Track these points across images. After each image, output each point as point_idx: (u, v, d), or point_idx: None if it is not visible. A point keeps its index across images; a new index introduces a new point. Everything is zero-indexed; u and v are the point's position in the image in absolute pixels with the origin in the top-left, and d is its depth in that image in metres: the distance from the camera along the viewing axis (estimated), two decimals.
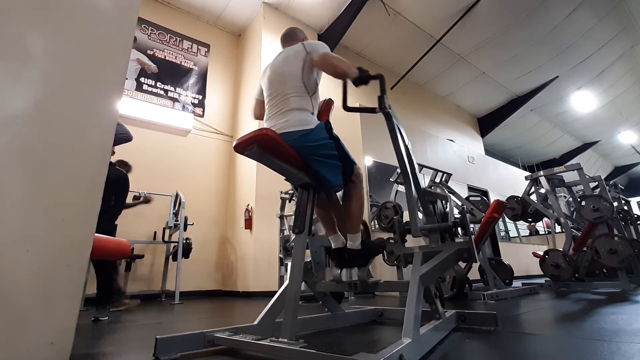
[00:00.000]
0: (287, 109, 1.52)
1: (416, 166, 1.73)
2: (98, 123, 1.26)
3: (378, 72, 1.49)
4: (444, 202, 1.88)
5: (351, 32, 6.43)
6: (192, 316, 2.82)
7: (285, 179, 1.55)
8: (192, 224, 4.45)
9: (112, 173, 2.91)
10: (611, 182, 5.28)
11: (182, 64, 5.88)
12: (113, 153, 2.98)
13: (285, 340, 1.13)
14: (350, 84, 1.55)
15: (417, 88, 9.05)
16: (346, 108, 1.72)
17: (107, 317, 2.59)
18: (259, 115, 1.79)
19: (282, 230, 4.30)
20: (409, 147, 1.68)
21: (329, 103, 1.75)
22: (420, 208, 1.78)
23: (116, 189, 2.95)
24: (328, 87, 1.77)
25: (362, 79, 1.47)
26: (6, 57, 1.12)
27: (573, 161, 10.73)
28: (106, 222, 2.81)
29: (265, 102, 1.67)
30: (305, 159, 1.43)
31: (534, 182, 4.37)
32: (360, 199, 1.60)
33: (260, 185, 4.88)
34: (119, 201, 2.98)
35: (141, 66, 5.41)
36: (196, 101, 5.84)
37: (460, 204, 4.34)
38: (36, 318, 1.01)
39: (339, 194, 1.68)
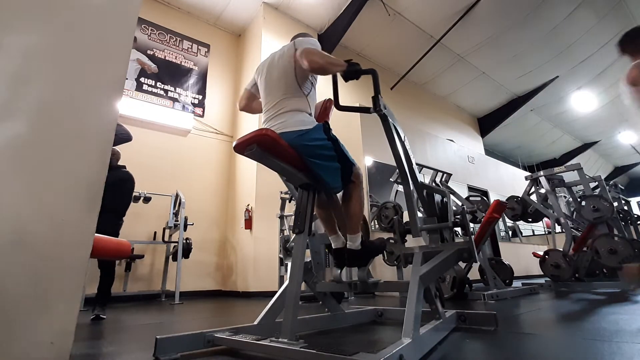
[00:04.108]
0: (283, 110, 1.51)
1: (415, 165, 1.72)
2: (98, 123, 1.25)
3: (370, 67, 1.45)
4: (443, 199, 1.88)
5: (351, 32, 6.42)
6: (192, 316, 2.82)
7: (285, 179, 1.54)
8: (192, 224, 4.45)
9: (122, 173, 3.03)
10: (611, 182, 5.29)
11: (182, 64, 5.88)
12: (119, 158, 3.09)
13: (285, 340, 1.13)
14: (340, 80, 1.50)
15: (417, 88, 9.05)
16: (339, 107, 1.68)
17: (105, 317, 2.61)
18: (244, 106, 1.84)
19: (282, 230, 4.30)
20: (407, 145, 1.67)
21: (327, 103, 1.75)
22: (421, 208, 1.77)
23: (129, 188, 3.12)
24: (328, 87, 1.77)
25: (351, 73, 1.42)
26: (6, 57, 1.12)
27: (573, 161, 10.71)
28: (115, 220, 2.93)
29: (262, 103, 1.66)
30: (304, 160, 1.42)
31: (534, 182, 4.37)
32: (359, 199, 1.59)
33: (260, 185, 4.88)
34: (127, 200, 3.07)
35: (141, 66, 5.41)
36: (196, 101, 5.84)
37: (460, 204, 4.34)
38: (36, 318, 1.01)
39: (339, 194, 1.67)
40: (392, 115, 1.56)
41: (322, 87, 1.78)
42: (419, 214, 1.69)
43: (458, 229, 1.96)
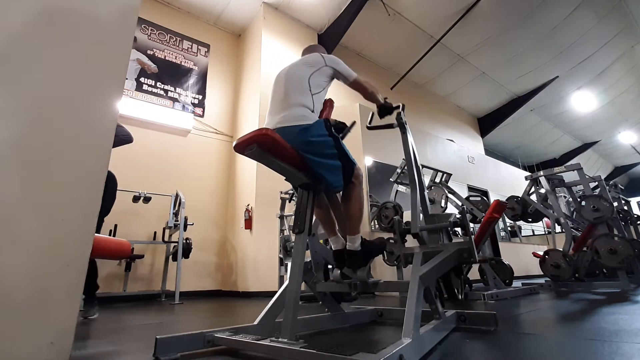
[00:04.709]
0: (287, 104, 1.52)
1: (420, 169, 1.80)
2: (98, 123, 1.26)
3: (400, 103, 1.83)
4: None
5: (351, 32, 6.43)
6: (192, 316, 2.82)
7: (285, 179, 1.55)
8: (192, 224, 4.44)
9: None
10: (611, 182, 5.28)
11: (182, 64, 5.88)
12: None
13: (285, 340, 1.13)
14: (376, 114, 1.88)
15: (417, 88, 9.05)
16: (369, 128, 2.06)
17: (96, 315, 2.53)
18: None
19: (282, 230, 4.30)
20: (417, 158, 1.79)
21: (329, 103, 1.75)
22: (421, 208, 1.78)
23: (113, 187, 2.99)
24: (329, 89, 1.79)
25: (387, 110, 1.79)
26: (6, 57, 1.12)
27: (573, 161, 10.73)
28: (99, 222, 2.84)
29: (269, 101, 1.68)
30: (304, 159, 1.41)
31: (534, 182, 4.37)
32: (359, 200, 1.59)
33: (260, 185, 4.88)
34: (110, 200, 2.99)
35: (141, 66, 5.41)
36: (196, 101, 5.84)
37: (460, 204, 4.34)
38: (36, 318, 1.01)
39: (339, 194, 1.68)
40: (409, 130, 1.84)
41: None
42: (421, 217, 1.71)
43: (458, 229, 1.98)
